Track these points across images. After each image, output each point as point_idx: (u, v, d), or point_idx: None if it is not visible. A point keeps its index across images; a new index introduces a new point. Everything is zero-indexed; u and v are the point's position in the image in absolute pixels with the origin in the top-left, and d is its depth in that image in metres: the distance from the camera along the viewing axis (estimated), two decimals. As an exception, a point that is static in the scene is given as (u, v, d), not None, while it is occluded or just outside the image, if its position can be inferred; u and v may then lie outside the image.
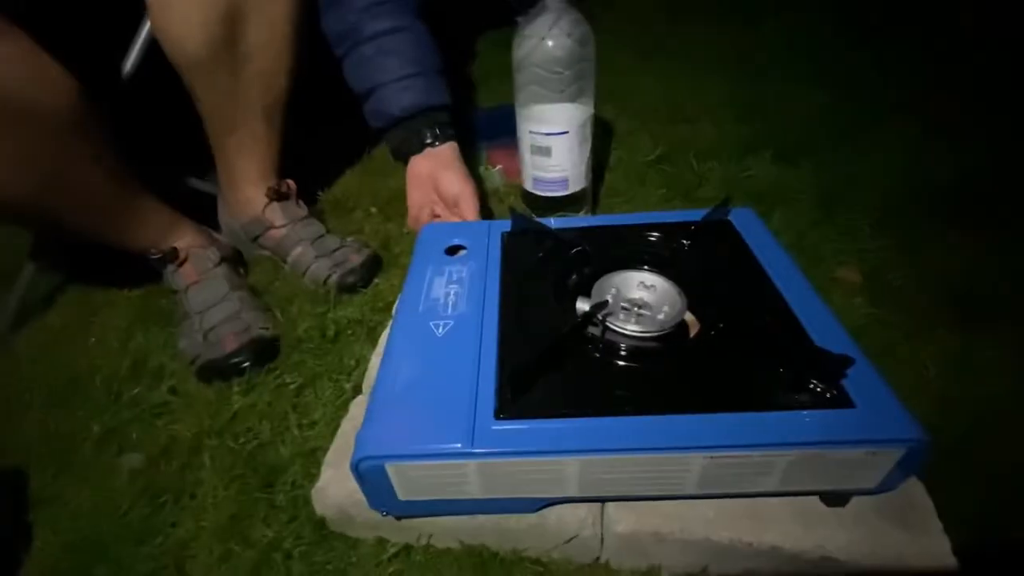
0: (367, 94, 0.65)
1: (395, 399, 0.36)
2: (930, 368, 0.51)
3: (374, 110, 0.66)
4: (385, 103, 0.64)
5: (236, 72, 0.56)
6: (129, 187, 0.55)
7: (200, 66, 0.54)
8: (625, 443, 0.32)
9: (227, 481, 0.47)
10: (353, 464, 0.33)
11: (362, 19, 0.63)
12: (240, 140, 0.61)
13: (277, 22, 0.56)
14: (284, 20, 0.56)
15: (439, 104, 0.66)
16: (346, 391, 0.52)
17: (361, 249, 0.66)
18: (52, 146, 0.46)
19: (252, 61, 0.56)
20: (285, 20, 0.56)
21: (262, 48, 0.56)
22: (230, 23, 0.52)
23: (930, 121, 0.83)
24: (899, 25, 1.10)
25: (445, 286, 0.45)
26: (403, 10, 0.64)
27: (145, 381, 0.57)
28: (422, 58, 0.65)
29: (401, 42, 0.64)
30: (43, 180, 0.47)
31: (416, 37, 0.65)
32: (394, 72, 0.63)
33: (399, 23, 0.64)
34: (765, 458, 0.32)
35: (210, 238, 0.64)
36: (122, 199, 0.55)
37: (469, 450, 0.32)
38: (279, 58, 0.58)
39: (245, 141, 0.62)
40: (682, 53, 1.12)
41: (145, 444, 0.51)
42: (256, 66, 0.56)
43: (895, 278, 0.60)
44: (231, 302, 0.58)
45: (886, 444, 0.32)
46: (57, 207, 0.50)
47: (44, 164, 0.47)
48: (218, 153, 0.64)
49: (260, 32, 0.55)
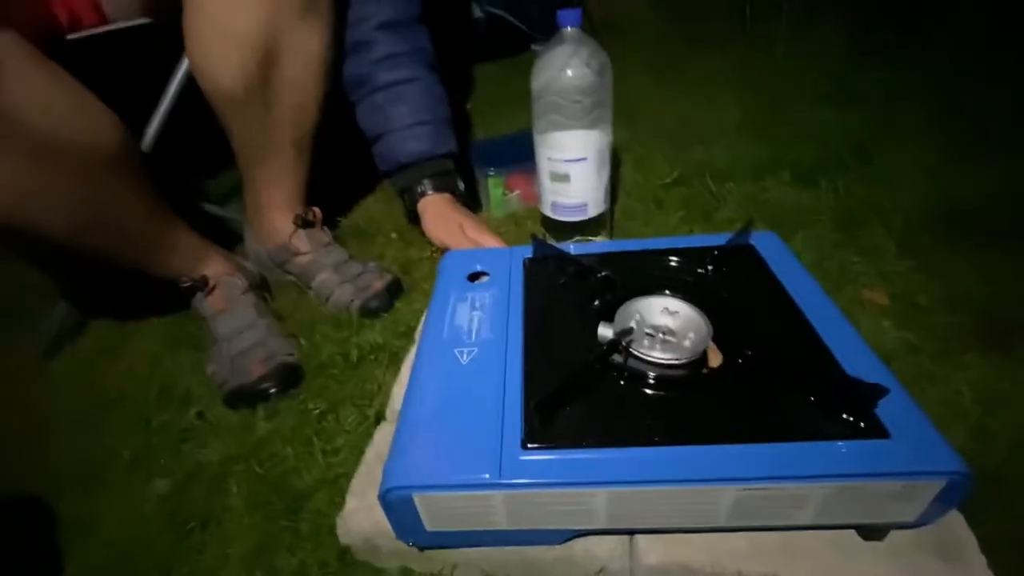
0: (376, 139, 0.70)
1: (422, 428, 0.36)
2: (964, 394, 0.49)
3: (381, 154, 0.70)
4: (393, 149, 0.68)
5: (269, 107, 0.58)
6: (165, 218, 0.58)
7: (235, 102, 0.56)
8: (655, 475, 0.32)
9: (252, 508, 0.47)
10: (381, 495, 0.33)
11: (377, 69, 0.67)
12: (270, 171, 0.64)
13: (312, 61, 0.58)
14: (317, 58, 0.58)
15: (444, 153, 0.70)
16: (369, 417, 0.52)
17: (383, 274, 0.67)
18: (95, 180, 0.48)
19: (285, 97, 0.58)
20: (318, 58, 0.58)
21: (295, 85, 0.58)
22: (266, 62, 0.55)
23: (949, 139, 0.82)
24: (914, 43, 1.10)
25: (468, 313, 0.46)
26: (416, 62, 0.68)
27: (173, 406, 0.58)
28: (431, 107, 0.69)
29: (412, 92, 0.68)
30: (86, 213, 0.49)
31: (427, 87, 0.69)
32: (403, 120, 0.67)
33: (412, 74, 0.68)
34: (799, 491, 0.32)
35: (238, 265, 0.66)
36: (158, 230, 0.57)
37: (497, 481, 0.32)
38: (310, 93, 0.60)
39: (275, 172, 0.64)
40: (695, 76, 1.14)
41: (173, 469, 0.52)
42: (289, 102, 0.59)
43: (923, 300, 0.59)
44: (258, 329, 0.59)
45: (924, 476, 0.31)
46: (94, 236, 0.52)
47: (87, 197, 0.49)
48: (247, 182, 0.66)
49: (294, 70, 0.57)
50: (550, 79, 0.56)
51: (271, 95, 0.57)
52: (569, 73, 0.55)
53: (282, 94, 0.58)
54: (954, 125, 0.86)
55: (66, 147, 0.45)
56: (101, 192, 0.49)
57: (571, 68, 0.55)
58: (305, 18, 0.55)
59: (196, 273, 0.61)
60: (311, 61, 0.58)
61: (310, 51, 0.57)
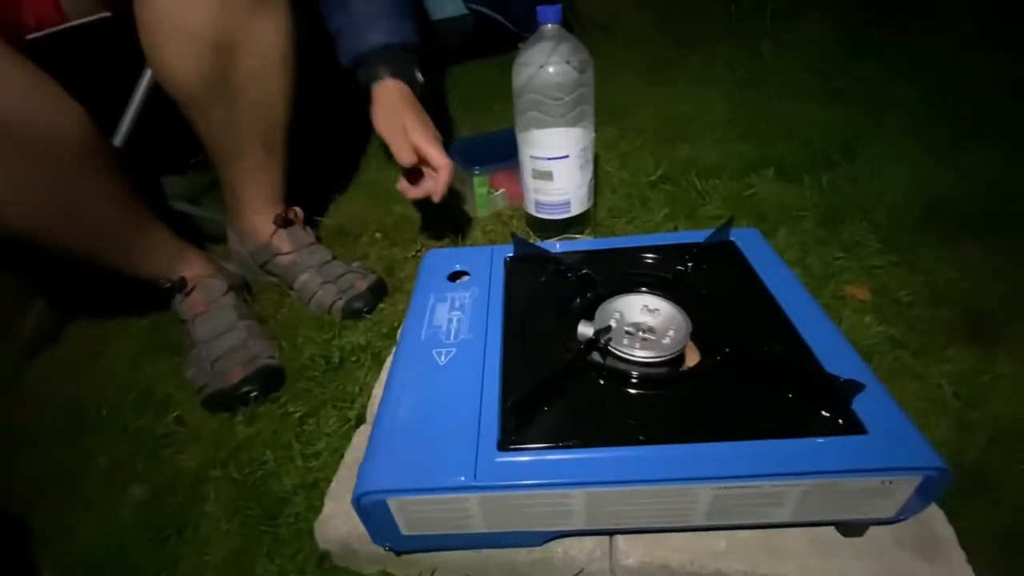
0: (338, 36, 0.66)
1: (397, 431, 0.36)
2: (945, 387, 0.50)
3: (343, 47, 0.66)
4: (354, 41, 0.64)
5: (232, 103, 0.57)
6: (138, 214, 0.56)
7: (197, 99, 0.56)
8: (632, 475, 0.31)
9: (230, 513, 0.46)
10: (355, 499, 0.33)
11: None
12: (243, 169, 0.63)
13: (269, 52, 0.57)
14: (275, 49, 0.57)
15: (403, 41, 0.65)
16: (350, 420, 0.52)
17: (367, 275, 0.66)
18: (62, 171, 0.47)
19: (247, 91, 0.57)
20: (276, 49, 0.58)
21: (256, 78, 0.57)
22: (222, 56, 0.54)
23: (932, 136, 0.83)
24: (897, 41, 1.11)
25: (448, 313, 0.45)
26: None
27: (151, 411, 0.57)
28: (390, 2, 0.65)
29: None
30: (52, 204, 0.48)
31: None
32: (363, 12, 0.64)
33: None
34: (776, 488, 0.31)
35: (218, 267, 0.65)
36: (131, 225, 0.56)
37: (472, 484, 0.32)
38: (273, 87, 0.59)
39: (248, 170, 0.63)
40: (682, 74, 1.14)
41: (150, 476, 0.51)
42: (251, 96, 0.58)
43: (904, 295, 0.59)
44: (238, 331, 0.58)
45: (901, 472, 0.31)
46: (66, 231, 0.51)
47: (54, 188, 0.47)
48: (223, 183, 0.65)
49: (253, 62, 0.56)
50: (530, 76, 0.55)
51: (232, 90, 0.56)
52: (550, 70, 0.54)
53: (243, 88, 0.57)
54: (936, 122, 0.86)
55: (28, 136, 0.44)
56: (67, 183, 0.48)
57: (551, 65, 0.54)
58: (259, 9, 0.54)
59: (174, 274, 0.60)
60: (269, 53, 0.57)
61: (267, 42, 0.56)
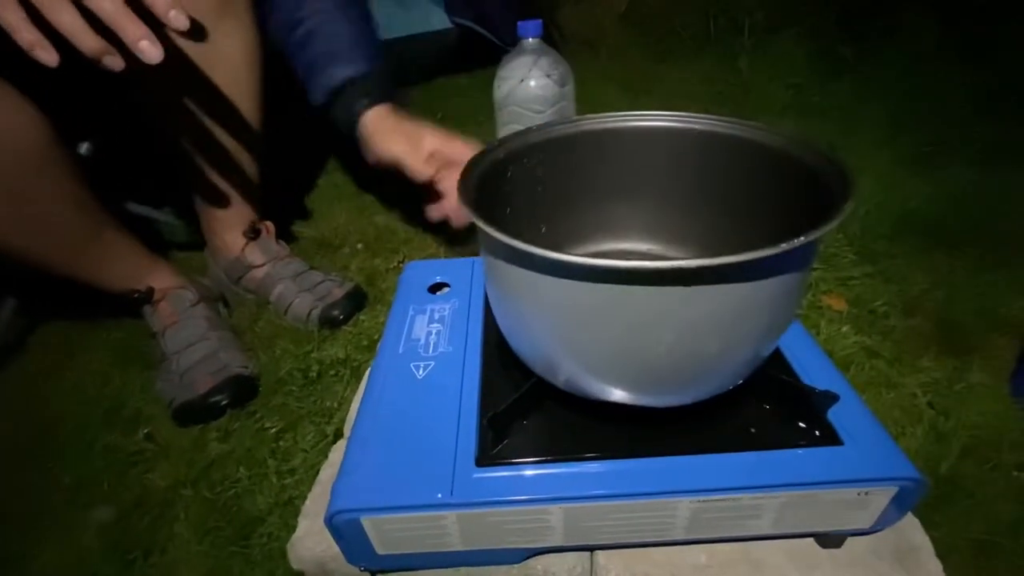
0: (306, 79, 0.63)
1: (372, 448, 0.35)
2: (920, 396, 0.50)
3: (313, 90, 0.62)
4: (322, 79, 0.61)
5: (201, 115, 0.57)
6: (100, 222, 0.55)
7: (166, 109, 0.55)
8: (608, 489, 0.31)
9: (201, 534, 0.45)
10: (327, 518, 0.32)
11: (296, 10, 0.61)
12: (213, 184, 0.62)
13: (236, 62, 0.57)
14: (242, 60, 0.57)
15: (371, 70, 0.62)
16: (327, 435, 0.50)
17: (344, 283, 0.65)
18: (18, 171, 0.46)
19: (215, 103, 0.57)
20: (243, 60, 0.57)
21: (224, 87, 0.57)
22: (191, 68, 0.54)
23: (903, 150, 0.85)
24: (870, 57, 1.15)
25: (427, 325, 0.45)
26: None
27: (120, 427, 0.55)
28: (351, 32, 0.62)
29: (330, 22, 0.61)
30: (10, 204, 0.47)
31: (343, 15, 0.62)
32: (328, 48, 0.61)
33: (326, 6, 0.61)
34: (753, 500, 0.31)
35: (188, 279, 0.63)
36: (92, 233, 0.54)
37: (448, 501, 0.31)
38: (241, 98, 0.59)
39: (217, 185, 0.62)
40: (663, 88, 1.16)
41: (117, 495, 0.49)
42: (220, 108, 0.57)
43: (879, 305, 0.60)
44: (209, 342, 0.57)
45: (876, 483, 0.31)
46: (24, 238, 0.49)
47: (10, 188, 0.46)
48: (196, 200, 0.64)
49: (220, 73, 0.56)
50: (511, 89, 0.56)
51: (200, 102, 0.56)
52: (531, 84, 0.55)
53: (212, 100, 0.56)
54: (907, 136, 0.89)
55: None
56: (24, 183, 0.47)
57: (532, 79, 0.55)
58: (219, 24, 0.54)
59: (141, 285, 0.58)
60: (234, 64, 0.57)
61: (234, 53, 0.56)
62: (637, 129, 0.40)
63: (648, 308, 0.26)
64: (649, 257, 0.44)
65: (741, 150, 0.37)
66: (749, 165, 0.37)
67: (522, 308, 0.31)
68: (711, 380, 0.31)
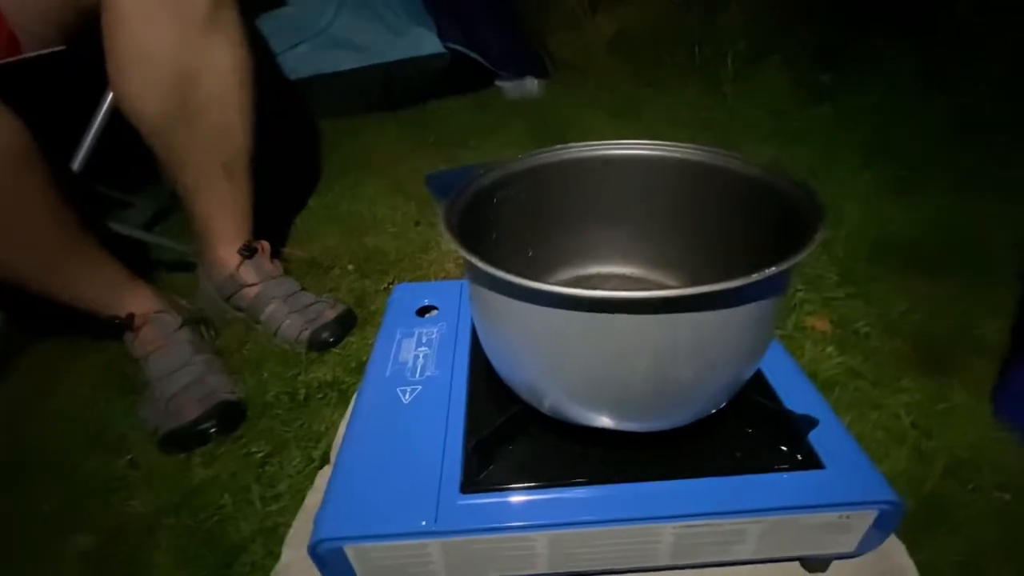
0: None
1: (356, 474, 0.35)
2: (903, 417, 0.51)
3: None
4: None
5: (192, 127, 0.58)
6: (79, 239, 0.55)
7: (159, 124, 0.56)
8: (593, 515, 0.31)
9: (182, 563, 0.44)
10: (310, 547, 0.32)
11: None
12: (206, 199, 0.63)
13: (226, 75, 0.58)
14: (232, 73, 0.59)
15: None
16: (314, 460, 0.50)
17: (335, 305, 0.66)
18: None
19: (205, 115, 0.58)
20: (233, 73, 0.59)
21: (213, 101, 0.58)
22: (183, 81, 0.56)
23: (884, 175, 0.88)
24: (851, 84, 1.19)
25: (414, 349, 0.45)
26: None
27: (103, 453, 0.54)
28: None
29: None
30: None
31: None
32: None
33: None
34: (735, 525, 0.31)
35: (170, 301, 0.63)
36: (71, 249, 0.54)
37: (432, 528, 0.31)
38: (232, 111, 0.60)
39: (211, 200, 0.63)
40: (650, 114, 1.19)
41: (98, 523, 0.48)
42: (210, 120, 0.59)
43: (862, 326, 0.61)
44: (195, 367, 0.56)
45: (856, 507, 0.32)
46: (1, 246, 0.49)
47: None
48: (190, 216, 0.65)
49: (211, 86, 0.57)
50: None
51: (191, 113, 0.57)
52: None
53: (203, 111, 0.58)
54: (885, 162, 0.91)
55: None
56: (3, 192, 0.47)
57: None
58: (208, 36, 0.56)
59: (120, 308, 0.58)
60: (226, 76, 0.58)
61: (224, 66, 0.58)
62: (618, 157, 0.41)
63: (626, 335, 0.26)
64: (631, 280, 0.45)
65: (717, 178, 0.38)
66: (725, 192, 0.38)
67: (505, 334, 0.32)
68: (692, 404, 0.32)
